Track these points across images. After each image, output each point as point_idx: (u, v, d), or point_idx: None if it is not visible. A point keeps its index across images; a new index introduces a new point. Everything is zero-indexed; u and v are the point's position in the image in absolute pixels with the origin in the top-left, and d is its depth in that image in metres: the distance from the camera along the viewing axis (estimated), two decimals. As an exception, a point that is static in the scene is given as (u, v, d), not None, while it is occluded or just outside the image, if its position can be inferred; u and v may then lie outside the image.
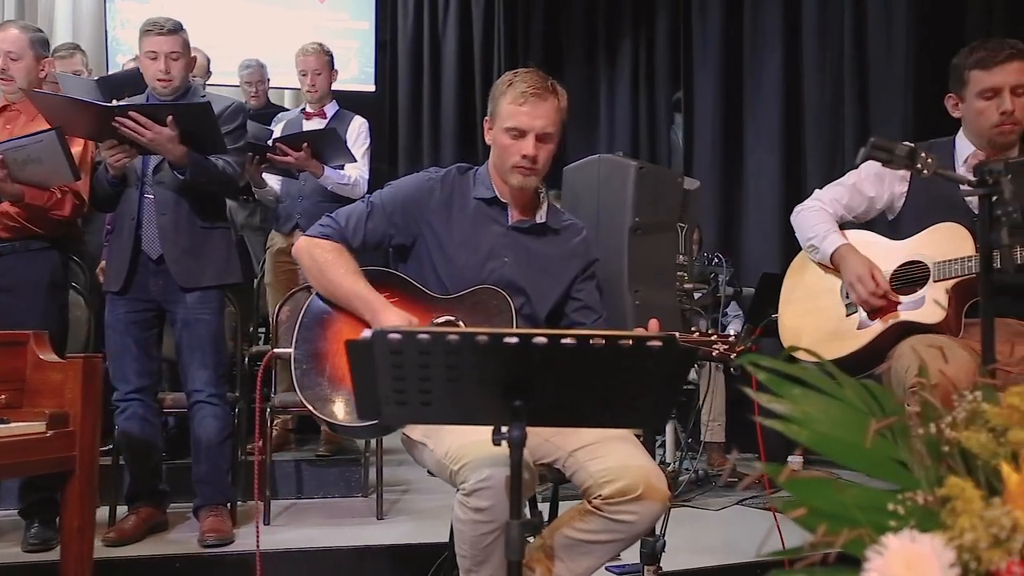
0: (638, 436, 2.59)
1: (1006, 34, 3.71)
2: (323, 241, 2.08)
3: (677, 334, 1.96)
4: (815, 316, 2.38)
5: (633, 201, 2.37)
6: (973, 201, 2.36)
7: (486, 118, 2.12)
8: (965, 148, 2.37)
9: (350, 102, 5.54)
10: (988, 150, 2.32)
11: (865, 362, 2.25)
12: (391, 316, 1.95)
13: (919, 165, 1.51)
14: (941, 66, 2.57)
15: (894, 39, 4.31)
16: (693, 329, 1.97)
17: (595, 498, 1.86)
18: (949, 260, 2.20)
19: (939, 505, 1.08)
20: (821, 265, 2.44)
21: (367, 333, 1.40)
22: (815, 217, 2.44)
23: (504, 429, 1.52)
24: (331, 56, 4.10)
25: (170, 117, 2.79)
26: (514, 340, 1.41)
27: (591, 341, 1.41)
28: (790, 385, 1.19)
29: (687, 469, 3.91)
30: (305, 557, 2.82)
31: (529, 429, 1.99)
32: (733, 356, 1.96)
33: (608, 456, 1.88)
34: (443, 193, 2.12)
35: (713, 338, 1.97)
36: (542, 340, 1.41)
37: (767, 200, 4.83)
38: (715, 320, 4.19)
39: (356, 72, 6.08)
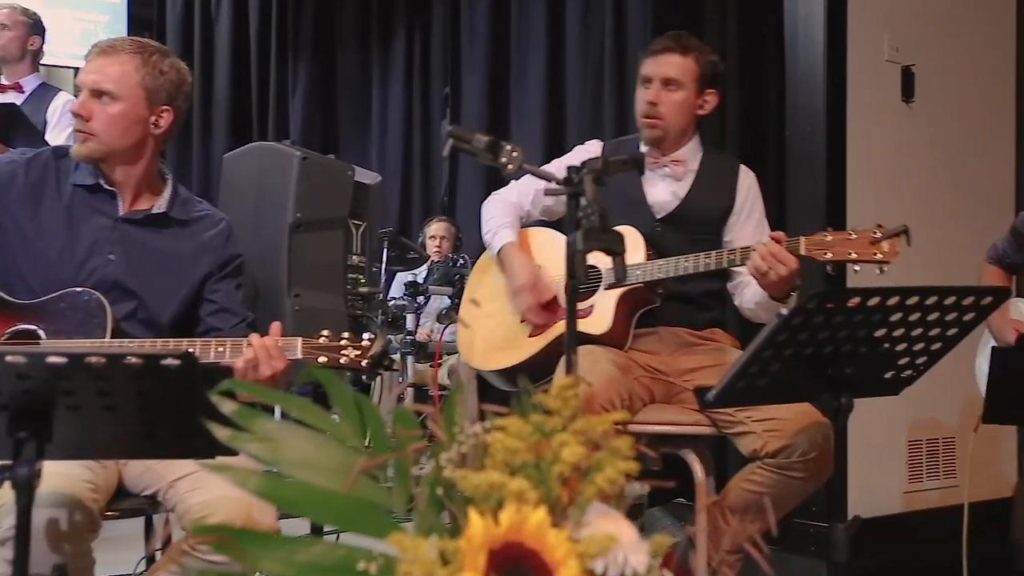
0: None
1: (738, 33, 3.75)
2: None
3: (300, 340, 1.76)
4: (491, 320, 2.24)
5: (295, 195, 2.14)
6: (656, 203, 2.30)
7: None
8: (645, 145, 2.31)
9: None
10: (649, 146, 2.27)
11: (537, 372, 2.12)
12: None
13: (503, 159, 1.35)
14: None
15: (649, 36, 4.30)
16: (322, 333, 1.75)
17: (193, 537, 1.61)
18: (619, 267, 2.09)
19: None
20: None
21: None
22: (497, 208, 2.30)
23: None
24: (32, 19, 3.60)
25: None
26: (-15, 359, 1.14)
27: (86, 359, 1.16)
28: (265, 417, 0.98)
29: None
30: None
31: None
32: (365, 363, 1.76)
33: (210, 487, 1.63)
34: (30, 178, 1.82)
35: (342, 343, 1.76)
36: (19, 359, 1.14)
37: (532, 199, 4.73)
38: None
39: (106, 50, 5.55)
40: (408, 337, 3.63)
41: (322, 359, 1.75)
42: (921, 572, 3.01)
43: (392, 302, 3.84)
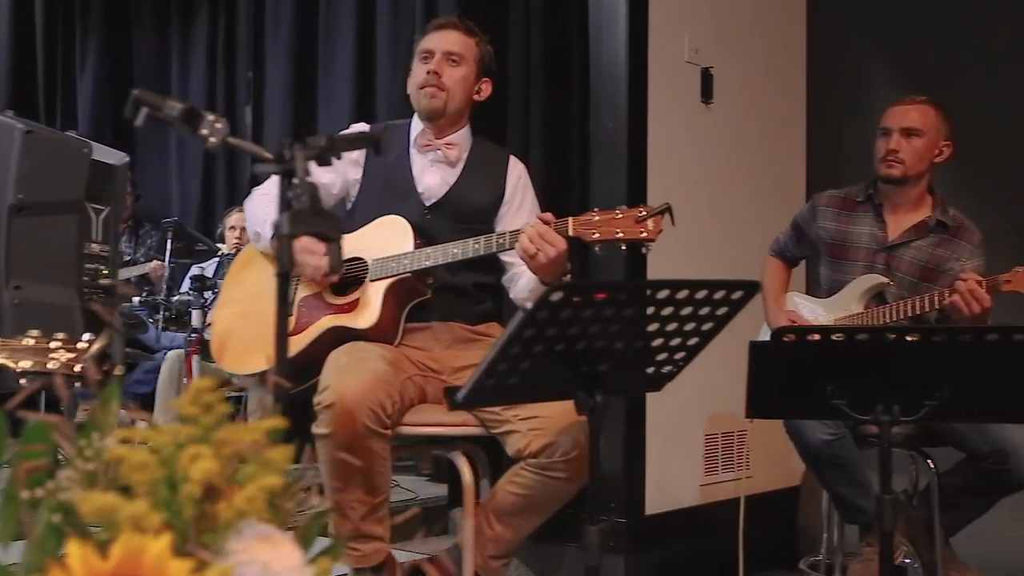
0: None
1: (543, 25, 3.70)
2: None
3: (-2, 343, 1.51)
4: (249, 320, 2.05)
5: (17, 173, 1.88)
6: (425, 190, 2.19)
7: None
8: (418, 124, 2.20)
9: None
10: (428, 125, 2.17)
11: (300, 374, 1.95)
12: None
13: (204, 131, 1.18)
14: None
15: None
16: (29, 334, 1.51)
17: None
18: (386, 257, 1.96)
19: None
20: (267, 257, 2.12)
21: None
22: (262, 202, 2.14)
23: None
24: None
25: None
26: None
27: None
28: None
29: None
30: None
31: None
32: (78, 369, 1.54)
33: None
34: None
35: (52, 345, 1.53)
36: None
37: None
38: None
39: None
40: (194, 335, 3.36)
41: (25, 363, 1.51)
42: (713, 561, 3.06)
43: (177, 297, 3.55)
